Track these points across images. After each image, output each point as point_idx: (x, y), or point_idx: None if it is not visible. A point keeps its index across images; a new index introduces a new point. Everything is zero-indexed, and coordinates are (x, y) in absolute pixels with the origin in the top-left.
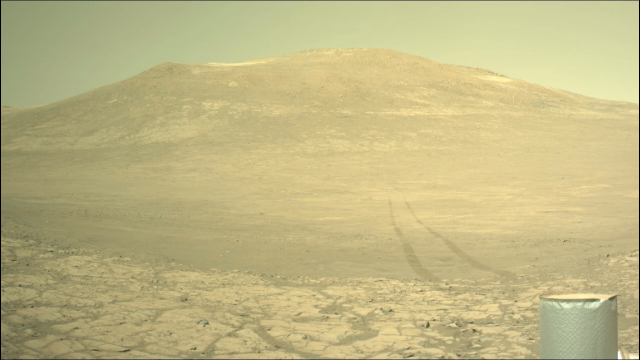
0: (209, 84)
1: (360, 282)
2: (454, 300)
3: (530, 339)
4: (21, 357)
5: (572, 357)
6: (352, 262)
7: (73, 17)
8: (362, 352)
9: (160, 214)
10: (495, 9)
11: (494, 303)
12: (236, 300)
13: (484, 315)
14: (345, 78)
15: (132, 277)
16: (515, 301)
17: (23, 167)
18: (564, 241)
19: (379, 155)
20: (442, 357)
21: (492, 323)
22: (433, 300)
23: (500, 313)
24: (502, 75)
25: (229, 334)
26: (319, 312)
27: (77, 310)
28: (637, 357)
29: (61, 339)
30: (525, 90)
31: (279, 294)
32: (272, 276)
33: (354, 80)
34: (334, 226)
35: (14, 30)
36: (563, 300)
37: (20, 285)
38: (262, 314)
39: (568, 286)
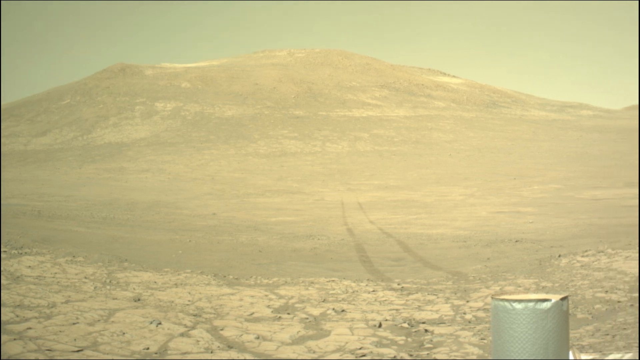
0: (162, 84)
1: (312, 283)
2: (406, 300)
3: (482, 339)
4: None
5: (524, 357)
6: (305, 263)
7: (26, 18)
8: (314, 352)
9: (113, 214)
10: (447, 10)
11: (446, 303)
12: (189, 301)
13: (435, 316)
14: (297, 79)
15: (85, 278)
16: (467, 301)
17: None
18: (516, 241)
19: (331, 156)
20: (394, 357)
21: (444, 323)
22: (385, 300)
23: (452, 313)
24: (454, 76)
25: (182, 334)
26: (272, 312)
27: (31, 310)
28: (589, 357)
29: (14, 339)
30: (477, 91)
31: (232, 294)
32: (225, 276)
33: (306, 81)
34: (287, 226)
35: None
36: (515, 301)
37: None
38: (214, 314)
39: (520, 286)
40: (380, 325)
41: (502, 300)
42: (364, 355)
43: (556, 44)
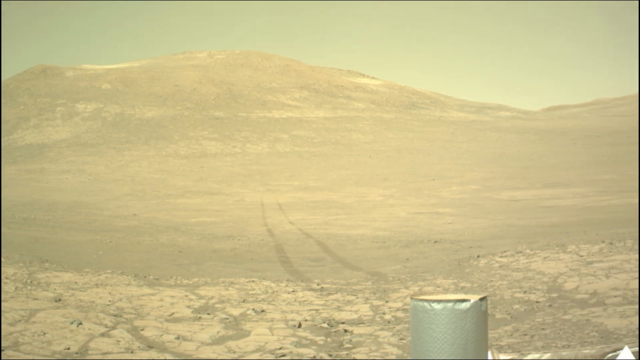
0: (82, 86)
1: (232, 283)
2: (326, 300)
3: (401, 339)
4: None
5: (443, 357)
6: (225, 263)
7: None
8: (234, 352)
9: (34, 215)
10: (366, 11)
11: (365, 303)
12: (109, 301)
13: (355, 316)
14: (217, 80)
15: (6, 278)
16: (386, 302)
17: None
18: (435, 242)
19: (251, 157)
20: (314, 357)
21: (363, 323)
22: (305, 300)
23: (371, 313)
24: (373, 77)
25: (102, 334)
26: (192, 312)
27: None
28: (508, 357)
29: None
30: (396, 92)
31: (152, 294)
32: (145, 277)
33: (226, 82)
34: (207, 227)
35: None
36: (434, 301)
37: None
38: (135, 314)
39: (439, 287)
40: (299, 326)
41: (421, 300)
42: (283, 355)
43: (474, 45)
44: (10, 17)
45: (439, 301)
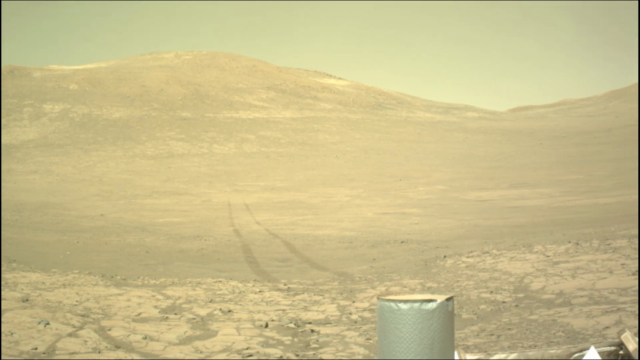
0: (50, 86)
1: (199, 283)
2: (293, 300)
3: (367, 339)
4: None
5: (410, 357)
6: (192, 263)
7: None
8: (201, 352)
9: (1, 215)
10: (332, 12)
11: (332, 304)
12: (77, 301)
13: (322, 316)
14: (184, 81)
15: None
16: (353, 302)
17: None
18: (402, 242)
19: (218, 157)
20: (281, 357)
21: (330, 323)
22: (272, 300)
23: (338, 313)
24: (339, 78)
25: (70, 334)
26: (159, 312)
27: None
28: (474, 357)
29: None
30: (363, 93)
31: (119, 294)
32: (112, 277)
33: (193, 83)
34: (174, 227)
35: None
36: (400, 301)
37: None
38: (102, 314)
39: (405, 287)
40: (266, 326)
41: (388, 300)
42: (250, 355)
43: (441, 46)
44: None
45: (405, 301)
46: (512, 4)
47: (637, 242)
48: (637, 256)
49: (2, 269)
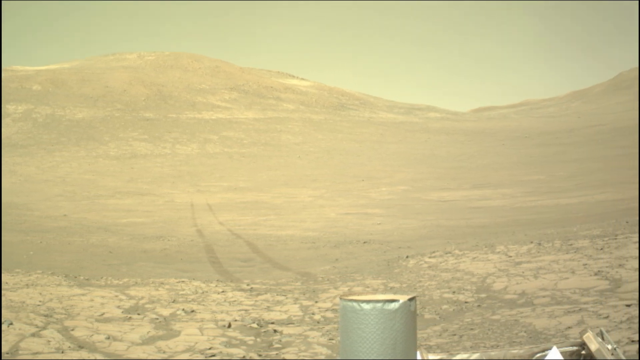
0: (13, 87)
1: (162, 283)
2: (255, 301)
3: (330, 339)
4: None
5: (372, 357)
6: (155, 263)
7: None
8: (164, 352)
9: None
10: (295, 13)
11: (295, 304)
12: (40, 301)
13: (284, 316)
14: (147, 81)
15: None
16: (316, 302)
17: None
18: (364, 243)
19: (181, 158)
20: (244, 357)
21: (293, 323)
22: (234, 300)
23: (300, 314)
24: (302, 79)
25: (33, 334)
26: (122, 312)
27: None
28: (437, 357)
29: None
30: (326, 94)
31: (82, 294)
32: (76, 277)
33: (156, 83)
34: (137, 228)
35: None
36: (363, 301)
37: None
38: (65, 314)
39: (368, 287)
40: (229, 326)
41: (350, 300)
42: (213, 355)
43: (403, 47)
44: None
45: (368, 301)
46: (474, 3)
47: (599, 242)
48: (599, 256)
49: None
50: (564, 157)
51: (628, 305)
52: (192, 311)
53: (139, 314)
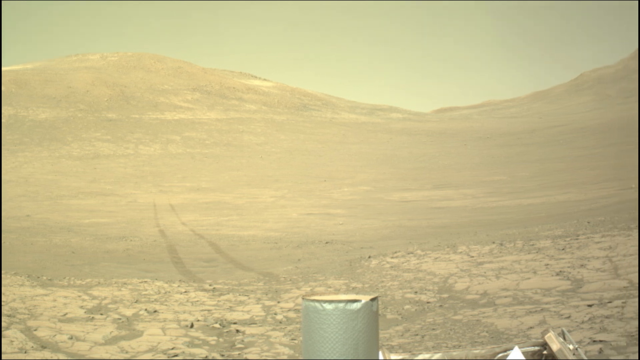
0: None
1: (125, 283)
2: (218, 301)
3: (292, 339)
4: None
5: (334, 357)
6: (118, 264)
7: None
8: (127, 352)
9: None
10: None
11: (257, 304)
12: (3, 301)
13: (247, 316)
14: (110, 82)
15: None
16: (278, 302)
17: None
18: (326, 243)
19: (144, 158)
20: (206, 357)
21: (255, 323)
22: (197, 301)
23: (263, 314)
24: (265, 79)
25: None
26: (85, 312)
27: None
28: (399, 357)
29: None
30: (288, 94)
31: (45, 294)
32: (39, 277)
33: (119, 84)
34: (100, 228)
35: None
36: (325, 301)
37: None
38: (28, 314)
39: (330, 287)
40: (192, 326)
41: (313, 300)
42: (176, 355)
43: (365, 48)
44: None
45: (330, 301)
46: (435, 4)
47: (560, 242)
48: (560, 256)
49: None
50: (525, 158)
51: (590, 306)
52: (155, 311)
53: (101, 314)
